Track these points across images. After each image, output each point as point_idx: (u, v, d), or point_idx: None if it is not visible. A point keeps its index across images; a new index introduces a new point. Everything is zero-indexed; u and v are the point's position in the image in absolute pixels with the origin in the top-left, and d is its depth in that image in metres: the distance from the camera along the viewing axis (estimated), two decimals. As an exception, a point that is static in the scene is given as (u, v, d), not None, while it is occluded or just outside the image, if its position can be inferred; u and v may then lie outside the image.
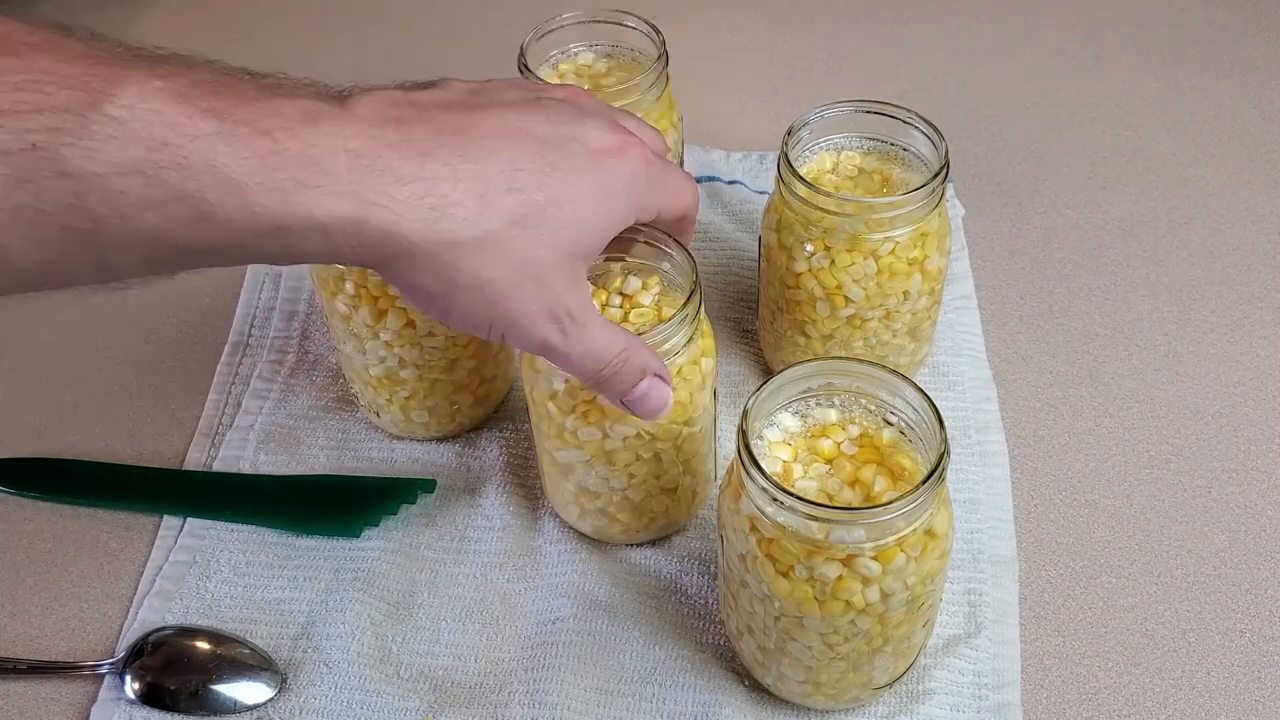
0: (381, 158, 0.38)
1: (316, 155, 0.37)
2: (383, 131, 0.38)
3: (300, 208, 0.36)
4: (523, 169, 0.41)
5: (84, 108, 0.33)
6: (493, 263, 0.40)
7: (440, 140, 0.40)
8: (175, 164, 0.34)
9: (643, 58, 0.65)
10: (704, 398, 0.52)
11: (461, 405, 0.61)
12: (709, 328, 0.52)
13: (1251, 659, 0.53)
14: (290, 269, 0.72)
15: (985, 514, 0.58)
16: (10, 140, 0.33)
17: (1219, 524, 0.58)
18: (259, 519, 0.59)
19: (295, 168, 0.36)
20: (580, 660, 0.53)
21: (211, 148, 0.35)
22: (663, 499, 0.55)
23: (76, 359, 0.68)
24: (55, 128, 0.33)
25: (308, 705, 0.52)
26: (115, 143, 0.34)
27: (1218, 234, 0.73)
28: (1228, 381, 0.64)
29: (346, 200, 0.37)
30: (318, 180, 0.37)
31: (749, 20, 0.92)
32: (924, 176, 0.56)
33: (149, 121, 0.34)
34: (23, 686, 0.54)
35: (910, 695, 0.52)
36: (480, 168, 0.40)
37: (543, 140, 0.42)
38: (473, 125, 0.41)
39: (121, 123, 0.34)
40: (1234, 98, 0.83)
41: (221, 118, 0.35)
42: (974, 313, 0.68)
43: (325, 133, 0.37)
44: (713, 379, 0.52)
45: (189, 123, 0.35)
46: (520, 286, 0.41)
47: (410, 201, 0.38)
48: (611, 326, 0.45)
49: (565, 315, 0.43)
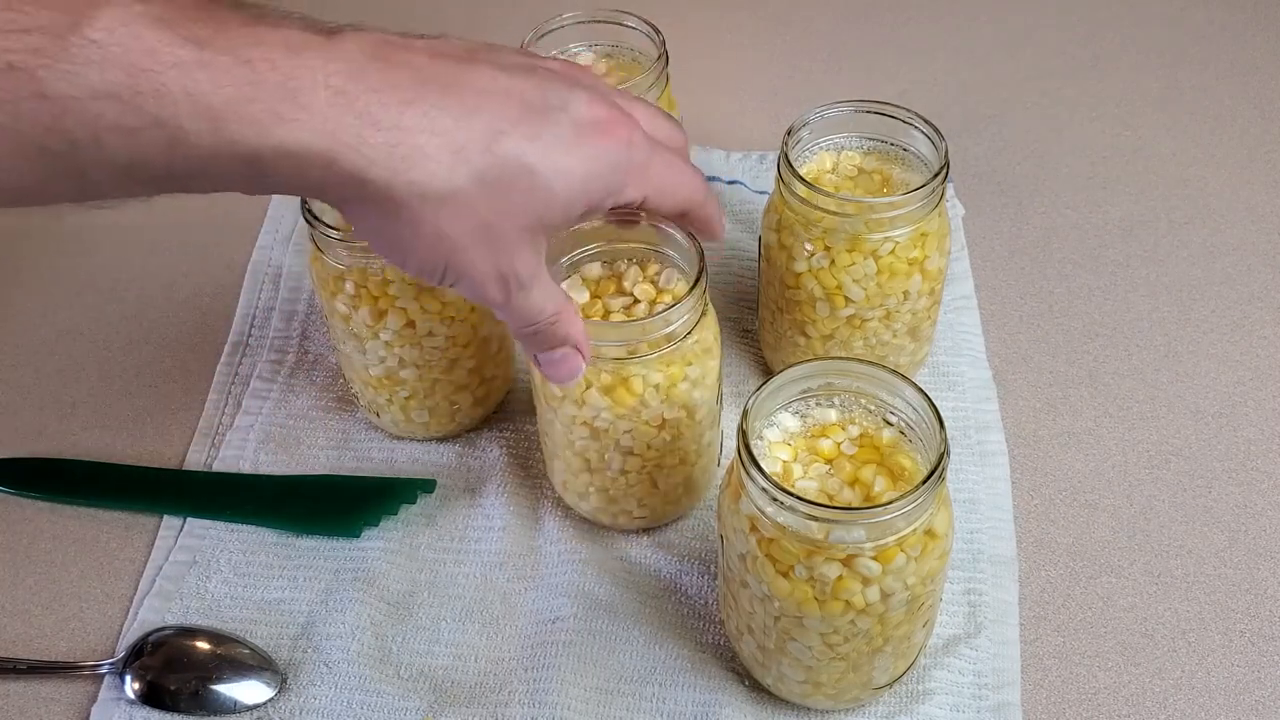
0: (360, 99, 0.37)
1: (295, 88, 0.36)
2: (366, 69, 0.38)
3: (274, 139, 0.36)
4: (503, 131, 0.40)
5: (63, 30, 0.33)
6: (454, 219, 0.40)
7: (425, 90, 0.39)
8: (152, 90, 0.34)
9: (643, 58, 0.65)
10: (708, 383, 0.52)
11: (461, 405, 0.61)
12: (713, 312, 0.52)
13: (1251, 659, 0.53)
14: (290, 268, 0.72)
15: (985, 514, 0.58)
16: None
17: (1219, 524, 0.58)
18: (259, 519, 0.59)
19: (273, 99, 0.36)
20: (580, 660, 0.53)
21: (189, 75, 0.35)
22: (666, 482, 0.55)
23: (76, 359, 0.68)
24: (34, 49, 0.33)
25: (308, 705, 0.52)
26: (93, 66, 0.33)
27: (1218, 234, 0.73)
28: (1228, 381, 0.64)
29: (320, 137, 0.37)
30: (294, 114, 0.36)
31: (749, 20, 0.92)
32: (924, 176, 0.56)
33: (127, 46, 0.34)
34: (23, 686, 0.54)
35: (910, 695, 0.52)
36: (459, 123, 0.39)
37: (529, 105, 0.41)
38: (461, 80, 0.40)
39: (100, 46, 0.33)
40: (1234, 98, 0.83)
41: (201, 45, 0.35)
42: (974, 313, 0.68)
43: (306, 65, 0.37)
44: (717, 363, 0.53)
45: (167, 49, 0.34)
46: (476, 246, 0.41)
47: (382, 148, 0.38)
48: (553, 291, 0.45)
49: (514, 279, 0.43)
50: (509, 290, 0.43)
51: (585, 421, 0.51)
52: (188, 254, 0.74)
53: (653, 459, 0.53)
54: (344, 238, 0.53)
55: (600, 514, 0.57)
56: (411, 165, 0.38)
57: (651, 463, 0.53)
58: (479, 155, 0.40)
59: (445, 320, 0.56)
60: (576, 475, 0.55)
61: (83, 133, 0.34)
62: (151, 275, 0.73)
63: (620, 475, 0.54)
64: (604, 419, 0.51)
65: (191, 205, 0.77)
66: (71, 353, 0.69)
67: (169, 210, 0.77)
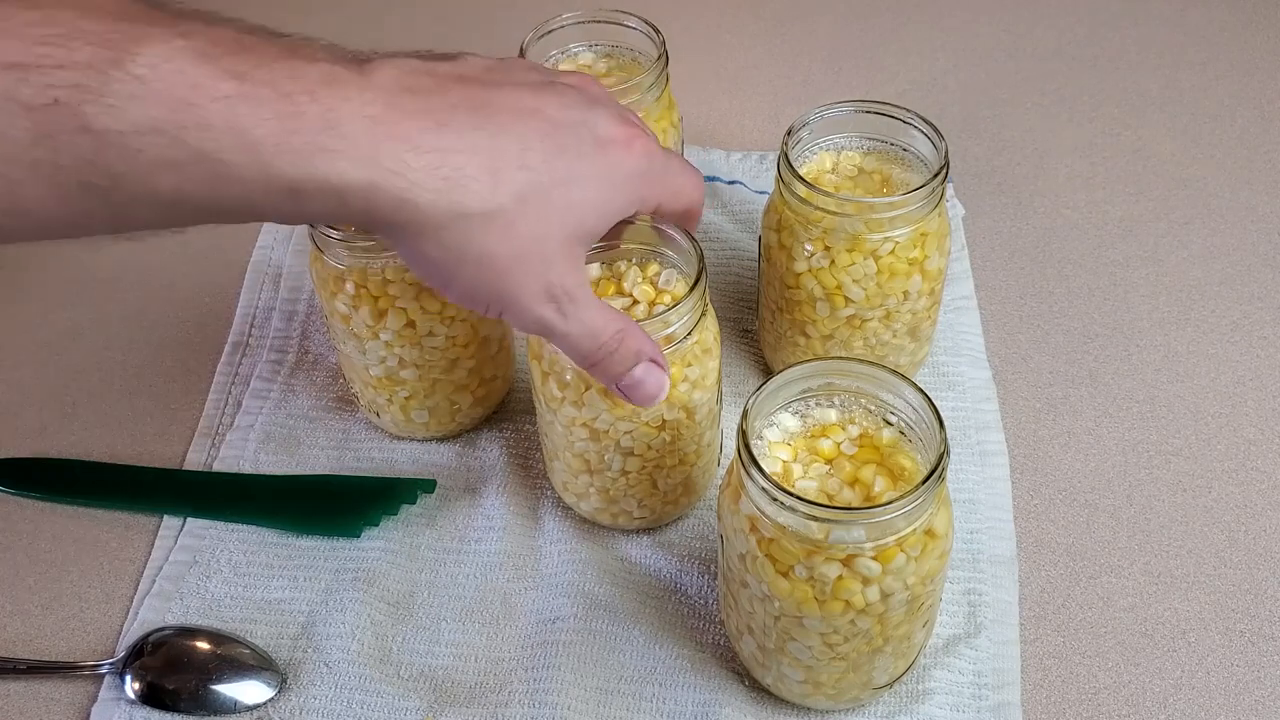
0: (399, 125, 0.38)
1: (335, 120, 0.37)
2: (400, 99, 0.39)
3: (317, 171, 0.37)
4: (533, 148, 0.41)
5: (107, 65, 0.33)
6: (499, 238, 0.41)
7: (456, 113, 0.40)
8: (196, 124, 0.35)
9: (643, 58, 0.65)
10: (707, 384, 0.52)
11: (461, 405, 0.61)
12: (713, 312, 0.52)
13: (1251, 659, 0.53)
14: (290, 268, 0.72)
15: (985, 514, 0.58)
16: (32, 95, 0.33)
17: (1219, 524, 0.58)
18: (259, 519, 0.59)
19: (314, 132, 0.36)
20: (580, 660, 0.53)
21: (232, 109, 0.35)
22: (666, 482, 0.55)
23: (76, 359, 0.68)
24: (77, 84, 0.33)
25: (308, 705, 0.52)
26: (137, 102, 0.34)
27: (1218, 234, 0.73)
28: (1228, 381, 0.64)
29: (363, 166, 0.37)
30: (335, 144, 0.37)
31: (749, 20, 0.92)
32: (924, 176, 0.56)
33: (171, 81, 0.34)
34: (23, 686, 0.54)
35: (910, 695, 0.52)
36: (494, 143, 0.40)
37: (555, 122, 0.42)
38: (489, 101, 0.41)
39: (144, 81, 0.34)
40: (1234, 98, 0.83)
41: (242, 79, 0.35)
42: (974, 313, 0.68)
43: (345, 98, 0.37)
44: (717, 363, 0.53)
45: (211, 83, 0.35)
46: (522, 263, 0.41)
47: (425, 171, 0.38)
48: (608, 308, 0.45)
49: (563, 294, 0.43)
50: (562, 308, 0.43)
51: (585, 422, 0.51)
52: (188, 254, 0.74)
53: (652, 459, 0.53)
54: (344, 238, 0.53)
55: (600, 514, 0.57)
56: (454, 186, 0.39)
57: (651, 463, 0.53)
58: (515, 172, 0.40)
59: (445, 320, 0.56)
60: (576, 476, 0.55)
61: (124, 167, 0.34)
62: (151, 275, 0.73)
63: (620, 476, 0.54)
64: (604, 420, 0.51)
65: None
66: (71, 353, 0.69)
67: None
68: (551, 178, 0.41)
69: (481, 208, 0.40)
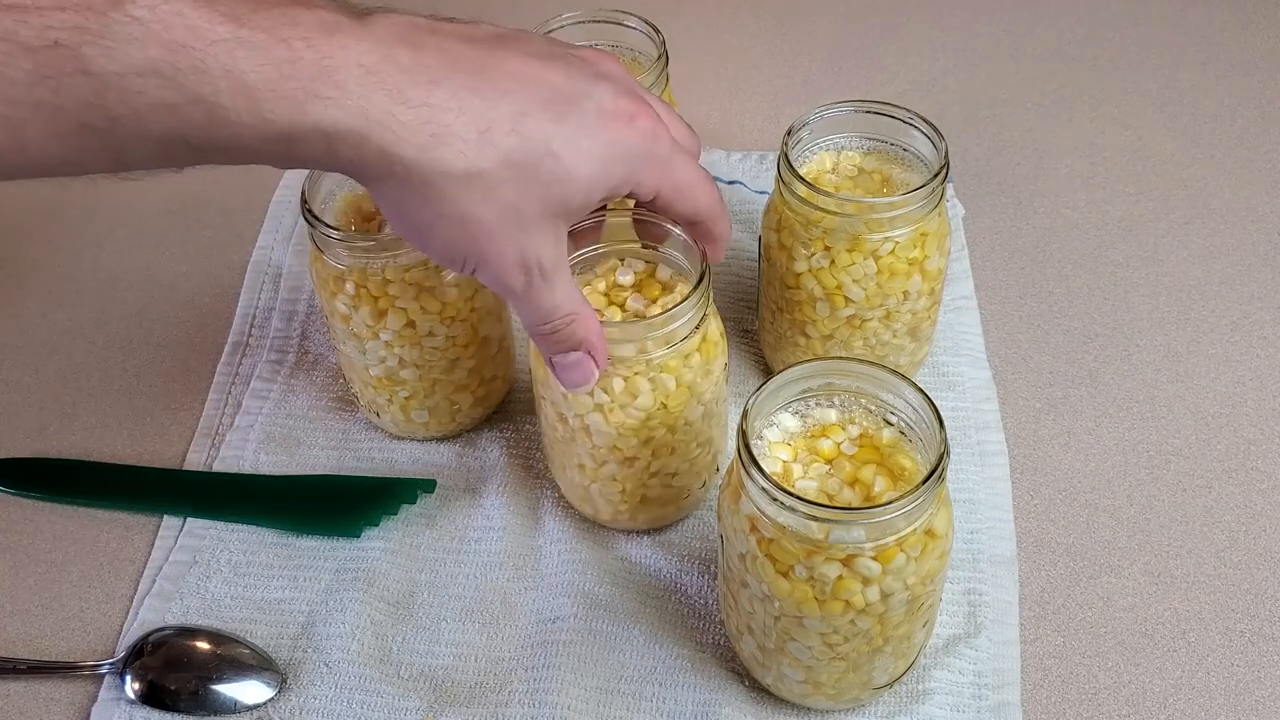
0: (391, 78, 0.38)
1: (330, 67, 0.37)
2: (396, 51, 0.39)
3: (308, 118, 0.37)
4: (530, 115, 0.41)
5: (106, 6, 0.34)
6: (480, 200, 0.40)
7: (455, 73, 0.40)
8: (192, 67, 0.35)
9: (643, 58, 0.65)
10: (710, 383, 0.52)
11: (461, 405, 0.61)
12: (716, 312, 0.52)
13: (1251, 659, 0.53)
14: (290, 268, 0.72)
15: (985, 514, 0.58)
16: (33, 36, 0.33)
17: (1219, 524, 0.58)
18: (259, 519, 0.59)
19: (308, 78, 0.37)
20: (580, 660, 0.53)
21: (229, 53, 0.35)
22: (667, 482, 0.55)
23: (76, 359, 0.68)
24: (77, 26, 0.33)
25: (308, 705, 0.52)
26: (135, 43, 0.34)
27: (1218, 234, 0.73)
28: (1228, 381, 0.64)
29: (353, 115, 0.37)
30: (329, 92, 0.37)
31: (749, 20, 0.92)
32: (924, 176, 0.56)
33: (169, 23, 0.34)
34: (23, 686, 0.54)
35: (910, 695, 0.52)
36: (487, 104, 0.40)
37: (557, 90, 0.42)
38: (490, 64, 0.41)
39: (142, 23, 0.34)
40: (1234, 98, 0.83)
41: (240, 23, 0.36)
42: (974, 313, 0.68)
43: (341, 45, 0.37)
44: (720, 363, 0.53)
45: (208, 27, 0.35)
46: (501, 229, 0.41)
47: (412, 125, 0.38)
48: (573, 290, 0.45)
49: (536, 267, 0.43)
50: (530, 279, 0.43)
51: (586, 423, 0.51)
52: (188, 254, 0.74)
53: (653, 459, 0.53)
54: (344, 238, 0.53)
55: (600, 514, 0.57)
56: (439, 143, 0.39)
57: (652, 463, 0.53)
58: (505, 136, 0.40)
59: (445, 320, 0.56)
60: (577, 475, 0.55)
61: (123, 108, 0.35)
62: (151, 275, 0.73)
63: (621, 476, 0.54)
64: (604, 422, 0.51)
65: (192, 205, 0.77)
66: (71, 353, 0.69)
67: (170, 210, 0.77)
68: (545, 147, 0.41)
69: (465, 168, 0.40)
